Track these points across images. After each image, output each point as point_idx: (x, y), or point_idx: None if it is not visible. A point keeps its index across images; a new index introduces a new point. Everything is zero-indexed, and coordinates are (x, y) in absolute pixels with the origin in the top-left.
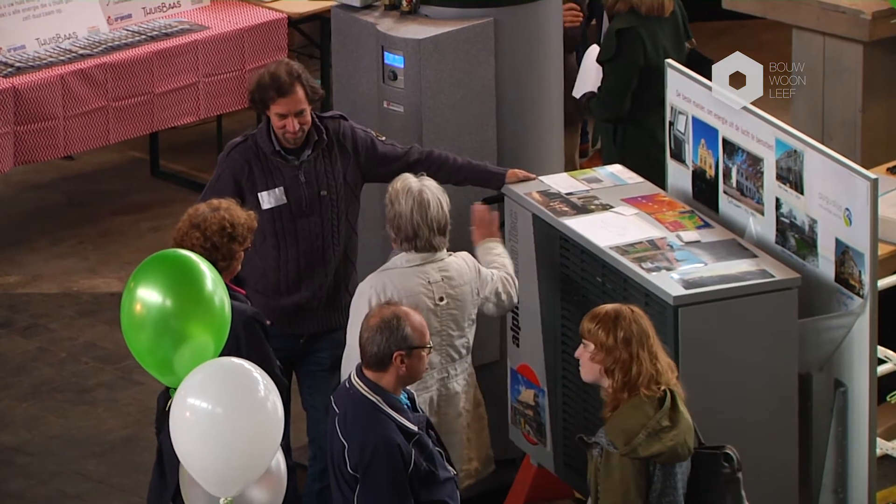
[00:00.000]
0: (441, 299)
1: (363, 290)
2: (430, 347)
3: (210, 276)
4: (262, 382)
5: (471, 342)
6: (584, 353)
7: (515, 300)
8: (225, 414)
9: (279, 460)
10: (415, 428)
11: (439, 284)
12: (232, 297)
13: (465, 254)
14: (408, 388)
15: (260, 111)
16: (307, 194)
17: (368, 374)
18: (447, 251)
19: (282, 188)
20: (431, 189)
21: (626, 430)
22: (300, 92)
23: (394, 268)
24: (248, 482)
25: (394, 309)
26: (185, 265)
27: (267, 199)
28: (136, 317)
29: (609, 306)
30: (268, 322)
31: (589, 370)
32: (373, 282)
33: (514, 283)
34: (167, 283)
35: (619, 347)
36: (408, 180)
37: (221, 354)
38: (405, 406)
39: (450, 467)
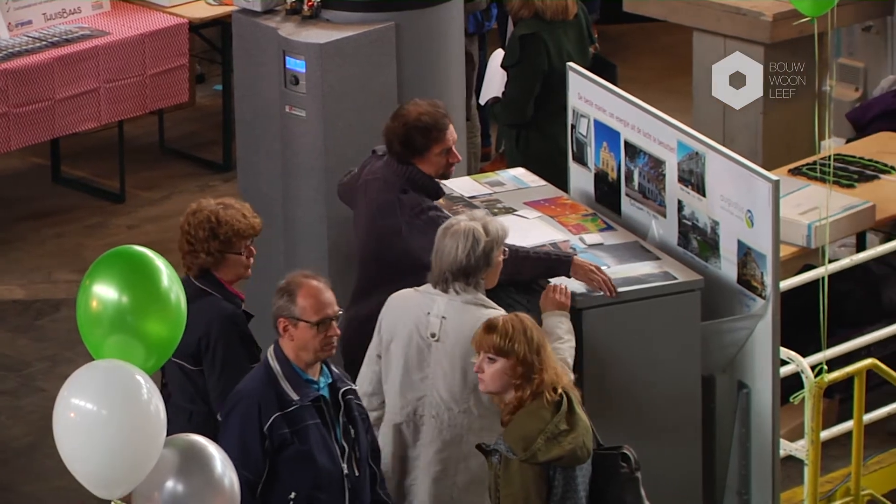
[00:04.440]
0: (433, 335)
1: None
2: (318, 324)
3: (166, 272)
4: (144, 385)
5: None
6: (492, 366)
7: None
8: (108, 416)
9: (232, 479)
10: (295, 397)
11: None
12: (226, 297)
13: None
14: (340, 376)
15: (414, 154)
16: None
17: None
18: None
19: None
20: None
21: (524, 437)
22: None
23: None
24: (132, 484)
25: (296, 276)
26: (139, 261)
27: None
28: (93, 314)
29: (505, 317)
30: None
31: (499, 383)
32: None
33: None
34: (123, 279)
35: (533, 356)
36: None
37: (189, 347)
38: (305, 379)
39: (350, 466)
